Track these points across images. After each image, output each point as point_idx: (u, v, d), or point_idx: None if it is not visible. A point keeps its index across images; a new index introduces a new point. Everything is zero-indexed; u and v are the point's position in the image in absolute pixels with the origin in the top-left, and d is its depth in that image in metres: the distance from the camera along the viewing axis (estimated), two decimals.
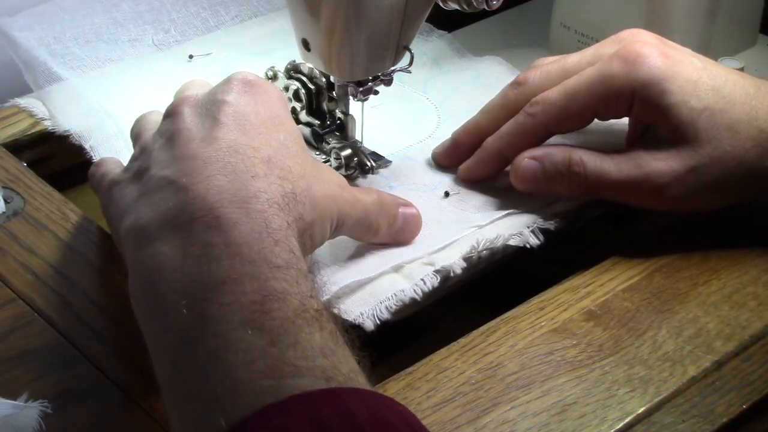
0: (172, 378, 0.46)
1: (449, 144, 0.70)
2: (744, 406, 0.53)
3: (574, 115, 0.64)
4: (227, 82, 0.55)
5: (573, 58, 0.66)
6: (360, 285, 0.59)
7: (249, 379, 0.42)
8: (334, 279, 0.59)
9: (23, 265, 0.63)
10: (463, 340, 0.57)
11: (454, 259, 0.61)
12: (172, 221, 0.49)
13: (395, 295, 0.58)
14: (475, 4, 0.63)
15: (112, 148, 0.72)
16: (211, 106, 0.54)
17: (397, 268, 0.61)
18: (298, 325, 0.45)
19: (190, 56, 0.83)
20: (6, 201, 0.68)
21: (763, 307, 0.59)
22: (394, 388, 0.54)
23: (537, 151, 0.64)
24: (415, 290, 0.59)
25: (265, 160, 0.52)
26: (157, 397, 0.51)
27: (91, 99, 0.77)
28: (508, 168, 0.66)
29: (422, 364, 0.56)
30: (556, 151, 0.64)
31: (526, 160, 0.64)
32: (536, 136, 0.65)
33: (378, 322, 0.57)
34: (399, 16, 0.63)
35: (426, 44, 0.85)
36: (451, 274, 0.60)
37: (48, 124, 0.76)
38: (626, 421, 0.52)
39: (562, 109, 0.64)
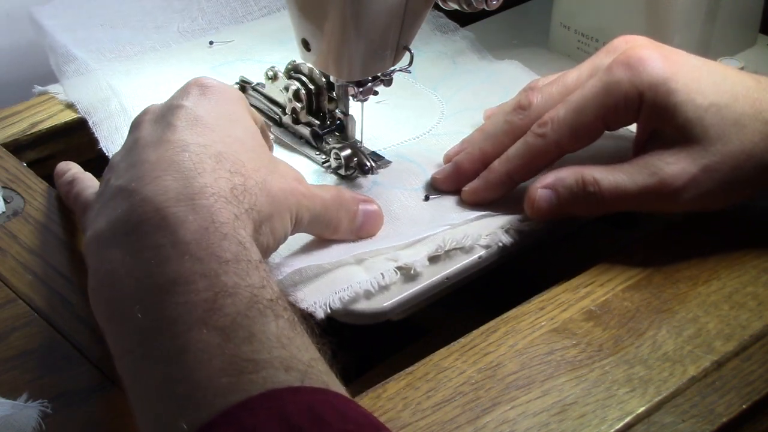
0: (134, 382, 0.46)
1: (451, 170, 0.67)
2: (744, 406, 0.53)
3: (585, 129, 0.62)
4: (184, 88, 0.56)
5: (571, 76, 0.65)
6: (319, 273, 0.59)
7: (208, 379, 0.43)
8: (293, 263, 0.59)
9: (23, 265, 0.63)
10: (463, 340, 0.57)
11: (418, 257, 0.60)
12: (122, 227, 0.49)
13: (350, 286, 0.58)
14: (474, 4, 0.63)
15: (113, 125, 0.73)
16: (167, 112, 0.54)
17: (359, 261, 0.60)
18: (251, 317, 0.45)
19: (210, 42, 0.84)
20: (6, 201, 0.68)
21: (763, 307, 0.59)
22: (394, 388, 0.54)
23: (548, 179, 0.62)
24: (371, 283, 0.58)
25: (214, 155, 0.52)
26: None
27: (100, 77, 0.78)
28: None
29: (422, 364, 0.56)
30: (566, 174, 0.62)
31: (539, 190, 0.62)
32: (548, 157, 0.63)
33: (329, 311, 0.57)
34: (399, 16, 0.63)
35: (449, 43, 0.85)
36: (412, 272, 0.60)
37: (62, 100, 0.78)
38: (626, 421, 0.52)
39: (572, 124, 0.62)
